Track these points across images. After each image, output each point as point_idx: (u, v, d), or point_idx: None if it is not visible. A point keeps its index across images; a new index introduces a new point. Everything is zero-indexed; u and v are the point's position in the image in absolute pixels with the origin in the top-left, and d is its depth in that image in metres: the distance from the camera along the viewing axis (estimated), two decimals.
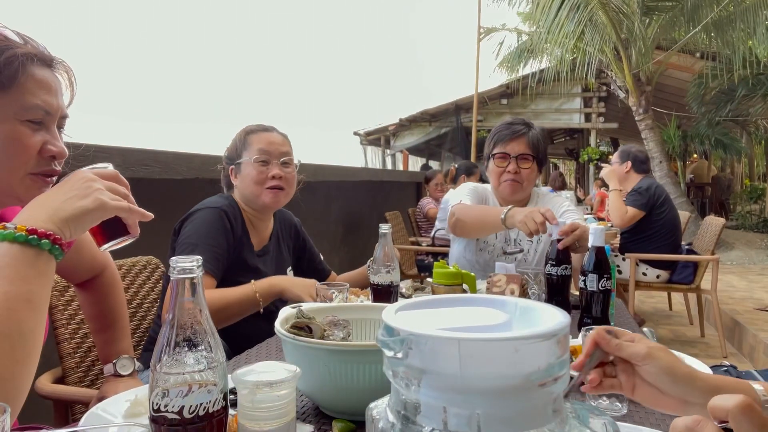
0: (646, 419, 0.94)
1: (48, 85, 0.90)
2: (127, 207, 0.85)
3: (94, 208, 0.81)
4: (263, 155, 1.66)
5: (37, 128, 0.89)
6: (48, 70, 0.92)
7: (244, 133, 1.72)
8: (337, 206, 4.73)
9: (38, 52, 0.90)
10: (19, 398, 0.71)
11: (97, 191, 0.82)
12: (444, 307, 0.63)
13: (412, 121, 12.91)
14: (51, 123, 0.91)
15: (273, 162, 1.67)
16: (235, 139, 1.73)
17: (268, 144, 1.68)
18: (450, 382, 0.49)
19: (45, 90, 0.89)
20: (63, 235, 0.78)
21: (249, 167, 1.66)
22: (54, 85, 0.92)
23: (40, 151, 0.89)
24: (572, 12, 8.20)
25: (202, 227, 1.54)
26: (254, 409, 0.63)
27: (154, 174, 2.33)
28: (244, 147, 1.69)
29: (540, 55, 10.33)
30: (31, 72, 0.87)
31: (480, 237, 2.13)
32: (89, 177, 0.84)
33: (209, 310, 0.62)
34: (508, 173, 2.06)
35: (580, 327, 1.38)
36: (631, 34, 8.41)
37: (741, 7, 8.11)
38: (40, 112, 0.88)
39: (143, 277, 1.74)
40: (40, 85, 0.89)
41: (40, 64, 0.90)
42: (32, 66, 0.88)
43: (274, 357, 1.26)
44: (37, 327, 0.75)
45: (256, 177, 1.64)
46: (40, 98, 0.88)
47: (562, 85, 10.17)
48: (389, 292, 1.43)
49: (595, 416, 0.55)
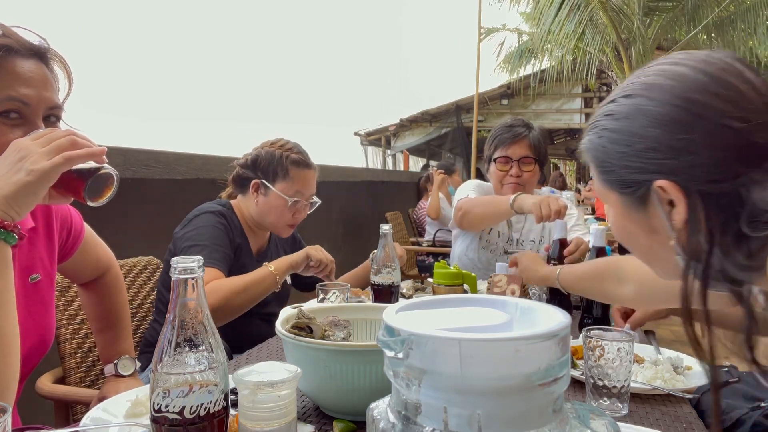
0: (646, 419, 0.94)
1: (25, 76, 0.86)
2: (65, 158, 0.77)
3: (32, 180, 0.75)
4: (299, 197, 1.65)
5: (16, 122, 0.86)
6: (32, 61, 0.88)
7: (288, 160, 1.65)
8: (337, 206, 4.73)
9: (17, 43, 0.87)
10: (9, 388, 0.70)
11: (28, 159, 0.75)
12: (445, 307, 0.63)
13: (413, 122, 12.90)
14: (33, 115, 0.87)
15: (302, 203, 1.67)
16: (275, 157, 1.65)
17: (305, 184, 1.66)
18: (451, 382, 0.49)
19: (22, 82, 0.85)
20: (10, 217, 0.74)
21: (280, 201, 1.63)
22: (36, 76, 0.88)
23: None
24: (573, 12, 8.19)
25: (206, 229, 1.53)
26: (255, 410, 0.63)
27: (155, 174, 2.33)
28: (283, 175, 1.63)
29: (540, 56, 10.33)
30: (5, 63, 0.85)
31: (489, 226, 2.12)
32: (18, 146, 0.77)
33: (231, 296, 0.61)
34: (511, 177, 2.05)
35: (581, 327, 1.38)
36: (632, 34, 8.40)
37: (741, 8, 8.11)
38: (15, 104, 0.85)
39: (143, 277, 1.74)
40: (15, 77, 0.85)
41: (18, 56, 0.86)
42: (8, 57, 0.85)
43: (274, 357, 1.26)
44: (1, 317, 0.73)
45: (284, 215, 1.64)
46: (14, 90, 0.85)
47: (562, 85, 10.17)
48: (390, 293, 1.43)
49: (595, 416, 0.55)
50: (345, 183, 4.86)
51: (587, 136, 0.78)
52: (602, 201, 0.82)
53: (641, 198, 0.72)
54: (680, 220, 0.67)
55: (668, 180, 0.67)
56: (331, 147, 22.45)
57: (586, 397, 0.98)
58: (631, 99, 0.71)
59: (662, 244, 0.72)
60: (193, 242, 1.49)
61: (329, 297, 1.33)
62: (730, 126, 0.64)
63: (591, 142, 0.77)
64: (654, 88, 0.69)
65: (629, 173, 0.71)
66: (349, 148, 13.82)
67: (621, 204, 0.76)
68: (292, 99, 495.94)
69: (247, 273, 1.53)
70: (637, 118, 0.70)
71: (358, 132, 13.70)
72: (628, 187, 0.72)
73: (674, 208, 0.68)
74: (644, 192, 0.70)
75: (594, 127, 0.77)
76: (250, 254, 1.67)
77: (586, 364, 0.97)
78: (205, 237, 1.51)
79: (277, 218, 1.65)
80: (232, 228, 1.60)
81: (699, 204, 0.66)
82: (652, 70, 0.72)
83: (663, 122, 0.67)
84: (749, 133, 0.64)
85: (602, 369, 0.94)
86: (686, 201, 0.66)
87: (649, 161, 0.69)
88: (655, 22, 8.75)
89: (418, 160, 13.42)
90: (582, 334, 1.00)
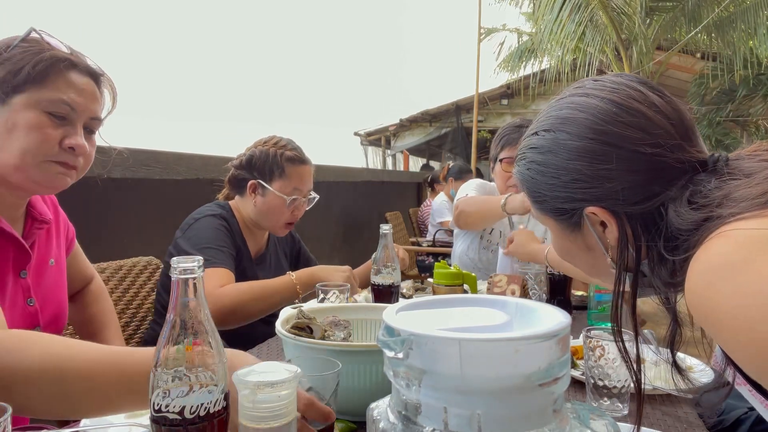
0: (646, 419, 0.94)
1: (79, 87, 0.99)
2: None
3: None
4: (297, 194, 1.64)
5: (61, 122, 0.98)
6: (86, 78, 1.01)
7: (283, 157, 1.63)
8: (337, 206, 4.73)
9: (79, 61, 1.01)
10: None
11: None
12: (444, 307, 0.63)
13: (413, 122, 12.90)
14: (76, 120, 1.00)
15: (300, 200, 1.66)
16: (269, 155, 1.63)
17: (302, 181, 1.66)
18: (450, 382, 0.49)
19: (74, 91, 0.99)
20: None
21: (278, 200, 1.62)
22: (86, 89, 1.01)
23: (60, 142, 0.97)
24: (573, 12, 8.19)
25: (209, 232, 1.53)
26: (255, 410, 0.63)
27: (155, 174, 2.33)
28: (280, 174, 1.62)
29: (540, 56, 10.33)
30: (65, 74, 0.98)
31: (485, 226, 2.12)
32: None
33: (250, 300, 0.61)
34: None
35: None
36: (632, 34, 8.40)
37: (741, 8, 8.10)
38: (65, 108, 0.97)
39: (143, 277, 1.74)
40: (70, 85, 0.98)
41: (77, 71, 1.00)
42: (68, 70, 0.98)
43: (274, 357, 1.26)
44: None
45: (283, 214, 1.64)
46: (67, 95, 0.97)
47: (562, 85, 10.16)
48: (390, 293, 1.43)
49: (595, 417, 0.55)
50: (345, 183, 4.86)
51: (517, 166, 0.85)
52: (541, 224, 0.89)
53: (576, 222, 0.78)
54: (613, 238, 0.74)
55: (596, 206, 0.73)
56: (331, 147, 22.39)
57: (587, 397, 0.98)
58: (551, 133, 0.78)
59: (599, 259, 0.79)
60: (198, 245, 1.49)
61: (329, 297, 1.33)
62: (643, 152, 0.70)
63: (522, 174, 0.83)
64: (569, 122, 0.76)
65: (561, 203, 0.78)
66: (349, 148, 13.82)
67: (558, 228, 0.82)
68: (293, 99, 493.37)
69: (251, 279, 1.53)
70: (559, 152, 0.76)
71: (358, 132, 13.70)
72: (562, 215, 0.79)
73: (606, 229, 0.75)
74: (577, 218, 0.77)
75: (522, 158, 0.83)
76: (249, 258, 1.67)
77: (586, 364, 0.97)
78: (210, 239, 1.51)
79: (276, 217, 1.65)
80: (232, 231, 1.60)
81: (627, 224, 0.73)
82: (565, 102, 0.78)
83: (582, 155, 0.73)
84: (660, 155, 0.70)
85: (602, 369, 0.94)
86: (616, 222, 0.73)
87: (576, 190, 0.75)
88: (655, 22, 8.75)
89: (418, 160, 13.42)
90: (582, 334, 1.00)
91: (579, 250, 0.82)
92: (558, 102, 0.80)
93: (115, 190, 2.16)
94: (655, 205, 0.71)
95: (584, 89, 0.77)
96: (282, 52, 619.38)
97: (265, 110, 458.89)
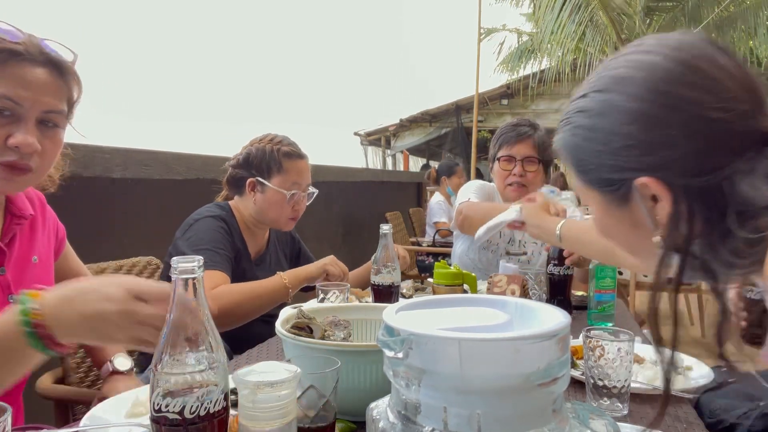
0: (646, 419, 0.94)
1: (26, 80, 0.90)
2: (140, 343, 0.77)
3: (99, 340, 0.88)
4: (297, 188, 1.65)
5: (8, 120, 0.90)
6: (39, 68, 0.92)
7: (279, 153, 1.64)
8: (337, 206, 4.73)
9: (32, 50, 0.91)
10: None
11: (121, 328, 0.74)
12: (444, 307, 0.63)
13: (413, 122, 12.90)
14: (25, 116, 0.91)
15: (300, 194, 1.67)
16: (266, 152, 1.64)
17: (301, 175, 1.67)
18: (450, 382, 0.49)
19: (20, 84, 0.90)
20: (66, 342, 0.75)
21: (278, 196, 1.63)
22: (37, 80, 0.91)
23: (6, 140, 0.90)
24: (573, 12, 8.20)
25: (208, 233, 1.54)
26: (255, 410, 0.63)
27: (155, 174, 2.33)
28: (277, 169, 1.63)
29: (540, 56, 10.33)
30: (10, 66, 0.89)
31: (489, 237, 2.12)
32: (131, 311, 0.74)
33: (243, 301, 0.61)
34: (514, 176, 2.05)
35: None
36: (632, 34, 8.40)
37: (741, 8, 8.11)
38: (7, 103, 0.89)
39: (143, 277, 1.74)
40: (15, 78, 0.89)
41: (27, 61, 0.91)
42: (13, 61, 0.89)
43: (274, 357, 1.26)
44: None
45: (284, 209, 1.65)
46: (10, 90, 0.89)
47: (562, 85, 10.16)
48: (390, 293, 1.43)
49: (595, 416, 0.55)
50: (345, 183, 4.86)
51: (560, 133, 0.76)
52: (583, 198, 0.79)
53: (623, 195, 0.69)
54: (664, 215, 0.66)
55: (649, 176, 0.65)
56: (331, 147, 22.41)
57: (586, 397, 0.98)
58: (603, 94, 0.69)
59: (646, 238, 0.70)
60: (196, 247, 1.49)
61: (329, 297, 1.33)
62: (708, 117, 0.62)
63: (565, 140, 0.74)
64: (626, 82, 0.67)
65: (608, 172, 0.69)
66: (349, 148, 13.81)
67: (603, 202, 0.74)
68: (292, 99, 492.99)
69: (250, 280, 1.53)
70: (611, 115, 0.67)
71: (358, 132, 13.70)
72: (609, 186, 0.70)
73: (658, 204, 0.66)
74: (626, 189, 0.68)
75: (567, 123, 0.74)
76: (248, 259, 1.67)
77: (586, 364, 0.97)
78: (208, 241, 1.52)
79: (278, 213, 1.66)
80: (232, 232, 1.60)
81: (683, 198, 0.64)
82: (622, 61, 0.69)
83: (638, 118, 0.65)
84: (728, 122, 0.62)
85: (602, 369, 0.94)
86: (671, 196, 0.65)
87: (628, 159, 0.67)
88: (655, 22, 8.76)
89: (418, 160, 13.42)
90: (582, 334, 1.00)
91: (624, 227, 0.73)
92: (614, 61, 0.71)
93: (115, 190, 2.17)
94: (718, 179, 0.62)
95: (644, 46, 0.69)
96: (282, 51, 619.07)
97: (265, 110, 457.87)
